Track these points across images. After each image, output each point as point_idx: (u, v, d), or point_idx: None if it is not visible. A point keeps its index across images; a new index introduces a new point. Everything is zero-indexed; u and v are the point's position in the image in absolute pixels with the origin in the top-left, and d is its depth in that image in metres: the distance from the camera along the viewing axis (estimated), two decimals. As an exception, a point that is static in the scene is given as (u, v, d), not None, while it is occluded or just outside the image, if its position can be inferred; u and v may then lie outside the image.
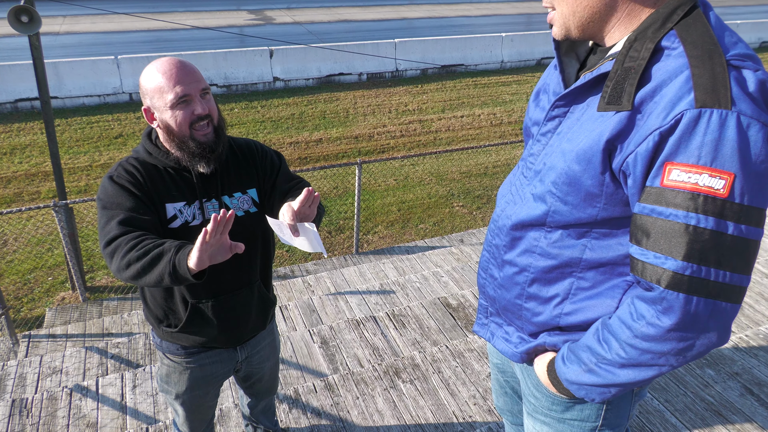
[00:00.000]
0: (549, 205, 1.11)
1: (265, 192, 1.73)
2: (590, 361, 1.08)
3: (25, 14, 4.73)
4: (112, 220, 1.44)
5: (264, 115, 10.81)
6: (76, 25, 17.67)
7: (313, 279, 4.77)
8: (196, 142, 1.51)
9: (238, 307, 1.75)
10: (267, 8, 21.33)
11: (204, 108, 1.50)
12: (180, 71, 1.46)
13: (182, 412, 1.96)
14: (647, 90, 0.94)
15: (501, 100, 12.17)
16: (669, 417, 2.51)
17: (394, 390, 2.80)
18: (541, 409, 1.33)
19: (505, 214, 1.24)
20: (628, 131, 0.96)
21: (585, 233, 1.10)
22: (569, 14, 1.04)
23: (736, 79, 0.88)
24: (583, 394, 1.13)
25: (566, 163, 1.05)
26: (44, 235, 6.59)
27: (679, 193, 0.89)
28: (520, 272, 1.22)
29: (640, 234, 0.95)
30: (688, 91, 0.88)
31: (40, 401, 2.89)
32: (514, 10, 22.70)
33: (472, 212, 7.52)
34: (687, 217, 0.89)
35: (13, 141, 9.27)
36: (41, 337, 4.18)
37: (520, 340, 1.31)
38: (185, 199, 1.58)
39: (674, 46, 0.94)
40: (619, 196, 1.02)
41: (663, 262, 0.92)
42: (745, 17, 20.29)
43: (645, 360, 1.00)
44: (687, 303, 0.92)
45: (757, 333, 3.07)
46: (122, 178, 1.51)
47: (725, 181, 0.86)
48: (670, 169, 0.90)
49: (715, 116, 0.86)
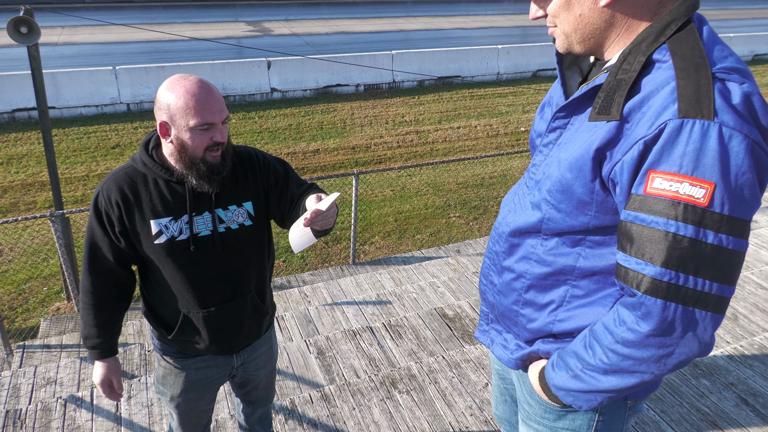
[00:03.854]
0: (544, 213, 1.13)
1: (273, 201, 1.73)
2: (576, 367, 1.10)
3: (24, 25, 4.76)
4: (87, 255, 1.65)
5: (261, 125, 10.85)
6: (75, 35, 17.74)
7: (310, 289, 4.76)
8: (207, 165, 1.54)
9: (230, 318, 1.75)
10: (265, 20, 21.47)
11: (223, 136, 1.53)
12: (209, 98, 1.48)
13: (177, 416, 1.96)
14: (636, 101, 0.96)
15: (497, 111, 12.24)
16: (665, 428, 2.51)
17: (391, 401, 2.80)
18: (534, 416, 1.34)
19: (505, 221, 1.26)
20: (617, 140, 0.98)
21: (579, 241, 1.11)
22: (571, 31, 1.07)
23: (720, 91, 0.90)
24: (570, 401, 1.14)
25: (560, 171, 1.07)
26: (40, 245, 6.57)
27: (660, 200, 0.91)
28: (517, 278, 1.24)
29: (625, 241, 0.97)
30: (673, 102, 0.90)
31: (34, 412, 2.87)
32: (510, 23, 22.91)
33: (469, 223, 7.54)
34: (667, 225, 0.90)
35: (10, 151, 9.27)
36: (36, 348, 4.15)
37: (516, 347, 1.32)
38: (171, 214, 1.59)
39: (665, 59, 0.96)
40: (609, 204, 1.04)
41: (643, 268, 0.94)
42: (738, 30, 20.52)
43: (626, 366, 1.01)
44: (665, 309, 0.93)
45: (752, 343, 3.08)
46: (101, 206, 1.59)
47: (705, 190, 0.88)
48: (653, 177, 0.92)
49: (697, 126, 0.88)
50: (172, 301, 1.69)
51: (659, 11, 1.00)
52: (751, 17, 25.63)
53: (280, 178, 1.73)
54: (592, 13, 1.02)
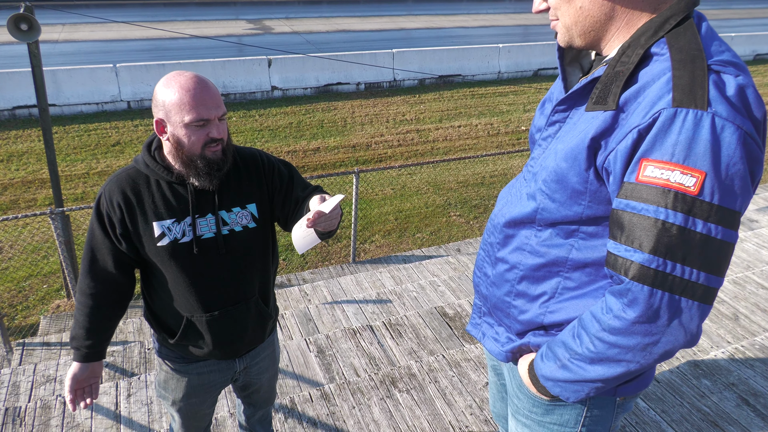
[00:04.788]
0: (538, 203, 1.14)
1: (277, 204, 1.71)
2: (564, 357, 1.10)
3: (24, 22, 4.75)
4: (86, 256, 1.63)
5: (262, 124, 10.84)
6: (75, 33, 17.73)
7: (310, 288, 4.76)
8: (205, 160, 1.51)
9: (234, 322, 1.74)
10: (266, 18, 21.45)
11: (219, 132, 1.50)
12: (205, 93, 1.46)
13: (179, 419, 1.95)
14: (632, 91, 0.98)
15: (498, 110, 12.23)
16: (665, 428, 2.51)
17: (391, 399, 2.79)
18: (523, 410, 1.34)
19: (501, 213, 1.27)
20: (612, 130, 0.99)
21: (572, 232, 1.12)
22: (572, 24, 1.08)
23: (715, 82, 0.90)
24: (558, 392, 1.14)
25: (556, 161, 1.08)
26: (40, 243, 6.57)
27: (651, 188, 0.91)
28: (510, 269, 1.24)
29: (616, 229, 0.98)
30: (668, 92, 0.91)
31: (34, 410, 2.87)
32: (512, 21, 22.89)
33: (469, 222, 7.53)
34: (657, 212, 0.91)
35: (11, 148, 9.26)
36: (35, 345, 4.15)
37: (507, 340, 1.32)
38: (174, 216, 1.57)
39: (662, 53, 0.97)
40: (602, 194, 1.05)
41: (632, 255, 0.94)
42: (739, 30, 20.50)
43: (612, 355, 1.01)
44: (651, 296, 0.93)
45: (753, 344, 3.07)
46: (103, 208, 1.57)
47: (696, 179, 0.88)
48: (645, 165, 0.92)
49: (690, 116, 0.88)
50: (175, 304, 1.67)
51: (659, 6, 1.01)
52: (753, 17, 25.60)
53: (284, 180, 1.71)
54: (593, 6, 1.03)
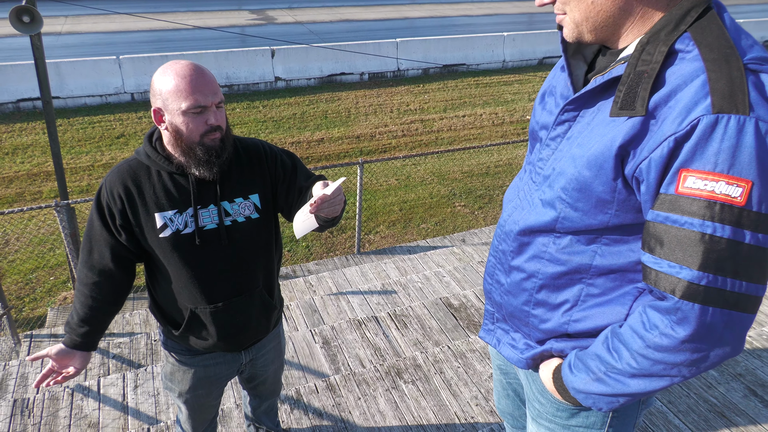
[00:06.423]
0: (559, 212, 1.08)
1: (281, 194, 1.69)
2: (599, 370, 1.06)
3: (26, 14, 4.73)
4: (84, 247, 1.63)
5: (266, 114, 10.81)
6: (78, 25, 17.69)
7: (315, 279, 4.76)
8: (204, 148, 1.50)
9: (238, 314, 1.73)
10: (268, 8, 21.32)
11: (217, 119, 1.50)
12: (200, 80, 1.45)
13: (185, 410, 1.96)
14: (661, 95, 0.91)
15: (503, 99, 12.15)
16: (672, 418, 2.50)
17: (396, 390, 2.80)
18: (546, 414, 1.31)
19: (512, 219, 1.21)
20: (642, 137, 0.93)
21: (595, 239, 1.07)
22: (582, 19, 1.01)
23: (754, 84, 0.85)
24: (590, 403, 1.11)
25: (576, 168, 1.03)
26: (46, 235, 6.60)
27: (694, 200, 0.87)
28: (528, 278, 1.19)
29: (654, 242, 0.93)
30: (705, 96, 0.86)
31: (42, 401, 2.89)
32: (516, 10, 22.66)
33: (474, 212, 7.51)
34: (703, 226, 0.86)
35: (15, 141, 9.28)
36: (43, 337, 4.18)
37: (526, 347, 1.28)
38: (176, 206, 1.56)
39: (688, 49, 0.91)
40: (631, 203, 1.00)
41: (678, 272, 0.90)
42: (747, 16, 20.23)
43: (657, 371, 0.98)
44: (703, 314, 0.89)
45: (760, 334, 3.05)
46: (103, 199, 1.56)
47: (743, 188, 0.84)
48: (685, 176, 0.87)
49: (732, 122, 0.83)
50: (178, 296, 1.67)
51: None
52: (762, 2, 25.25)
53: (287, 170, 1.70)
54: (606, 0, 0.97)
